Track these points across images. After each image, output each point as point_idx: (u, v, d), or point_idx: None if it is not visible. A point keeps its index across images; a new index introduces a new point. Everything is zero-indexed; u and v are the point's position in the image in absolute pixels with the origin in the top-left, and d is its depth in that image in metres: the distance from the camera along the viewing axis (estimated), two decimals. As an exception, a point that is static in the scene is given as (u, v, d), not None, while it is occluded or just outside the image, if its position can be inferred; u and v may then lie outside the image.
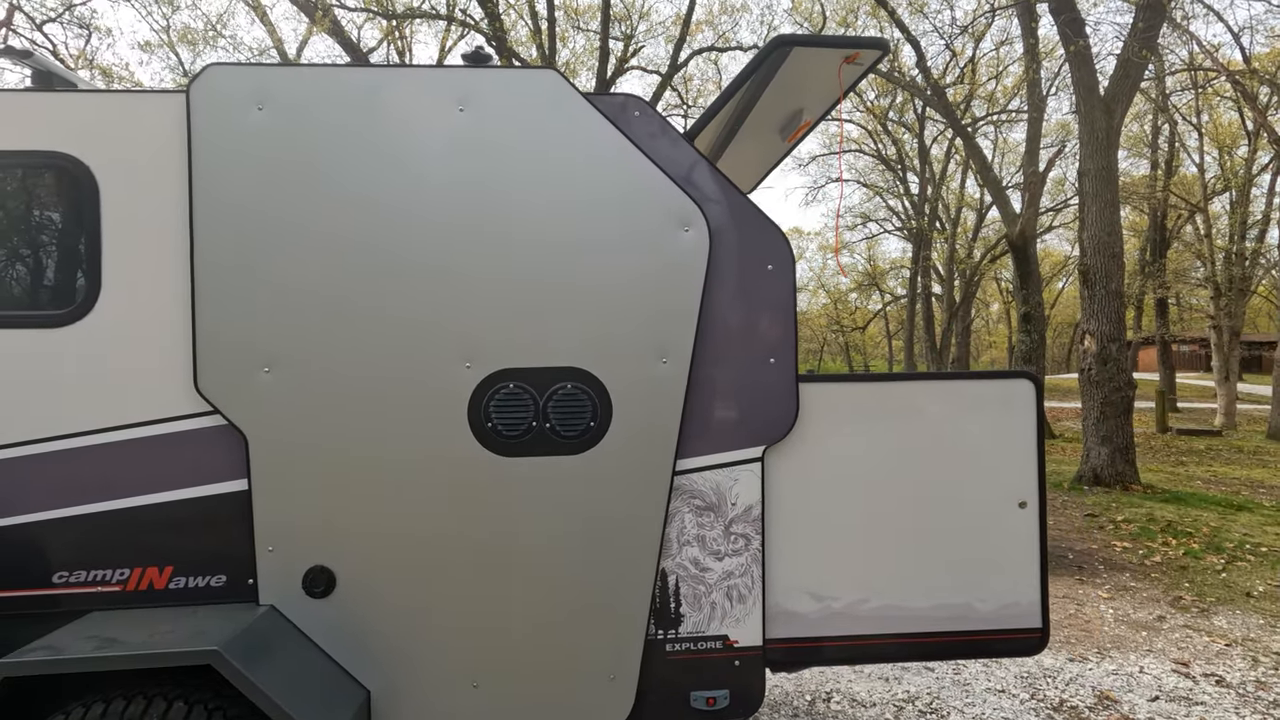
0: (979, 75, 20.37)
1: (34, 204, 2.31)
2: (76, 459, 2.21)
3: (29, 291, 2.30)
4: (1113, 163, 9.67)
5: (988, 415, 2.47)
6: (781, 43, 2.43)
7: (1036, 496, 2.47)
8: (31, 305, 2.27)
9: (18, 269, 2.31)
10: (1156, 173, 20.62)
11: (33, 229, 2.31)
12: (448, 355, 2.29)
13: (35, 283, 2.31)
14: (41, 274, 2.32)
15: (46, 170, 2.26)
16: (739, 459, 2.39)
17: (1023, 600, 2.48)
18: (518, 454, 2.31)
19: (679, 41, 17.01)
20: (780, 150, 3.63)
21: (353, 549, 2.28)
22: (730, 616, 2.40)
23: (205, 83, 2.24)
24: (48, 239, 2.32)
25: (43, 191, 2.30)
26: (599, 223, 2.33)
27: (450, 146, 2.30)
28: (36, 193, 2.30)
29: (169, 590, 2.25)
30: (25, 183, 2.29)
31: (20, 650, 1.96)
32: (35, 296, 2.29)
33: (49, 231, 2.32)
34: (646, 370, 2.34)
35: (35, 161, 2.24)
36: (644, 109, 2.40)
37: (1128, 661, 4.58)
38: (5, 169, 2.25)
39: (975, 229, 26.78)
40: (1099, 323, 9.60)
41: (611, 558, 2.34)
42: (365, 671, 2.29)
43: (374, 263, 2.28)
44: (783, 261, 2.42)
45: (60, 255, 2.31)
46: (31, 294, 2.29)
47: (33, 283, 2.31)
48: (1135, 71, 9.65)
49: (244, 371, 2.24)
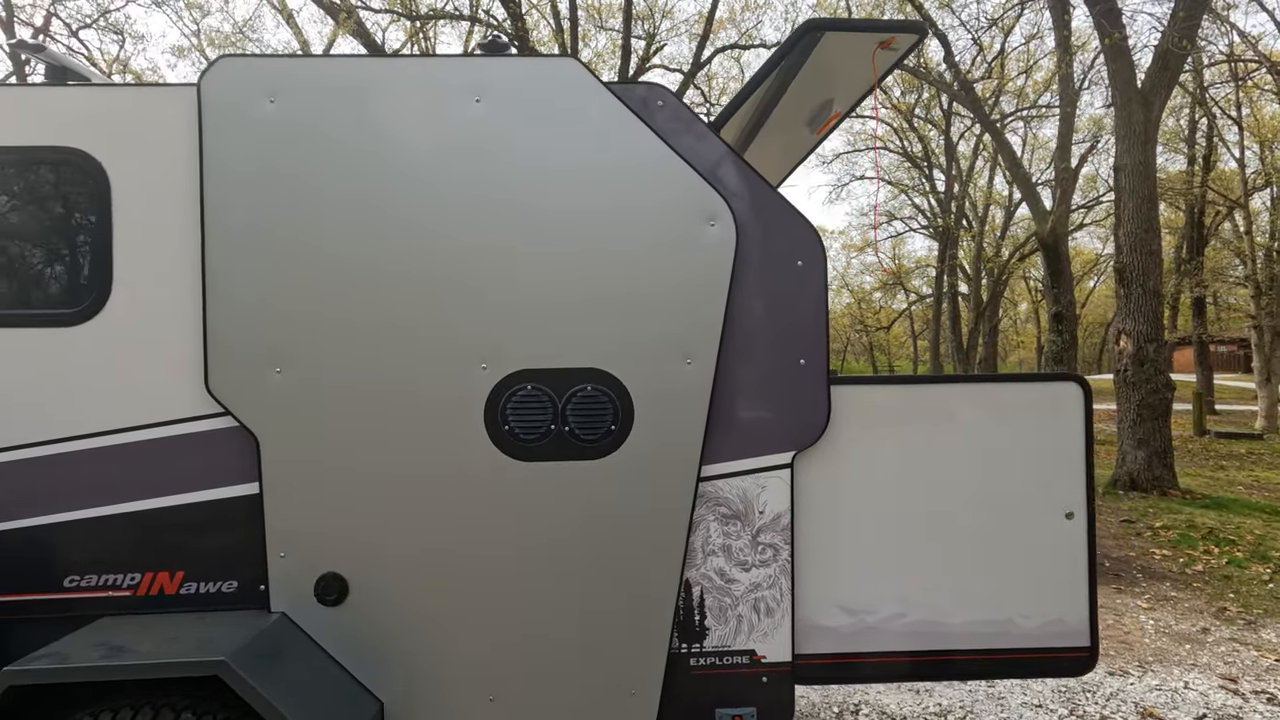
0: (1008, 70, 19.94)
1: (44, 200, 2.27)
2: (87, 461, 2.17)
3: (39, 289, 2.26)
4: (1150, 157, 9.35)
5: (1033, 420, 2.33)
6: (812, 27, 2.31)
7: (1085, 507, 2.33)
8: (42, 304, 2.23)
9: (28, 266, 2.28)
10: (1194, 168, 20.01)
11: (43, 225, 2.27)
12: (463, 355, 2.21)
13: (45, 281, 2.27)
14: (52, 271, 2.28)
15: (57, 165, 2.22)
16: (767, 465, 2.28)
17: (1069, 617, 2.33)
18: (536, 458, 2.22)
19: (702, 39, 16.88)
20: (808, 143, 3.50)
21: (366, 556, 2.21)
22: (758, 630, 2.29)
23: (216, 75, 2.18)
24: (58, 236, 2.28)
25: (53, 187, 2.26)
26: (621, 217, 2.23)
27: (466, 139, 2.21)
28: (47, 188, 2.26)
29: (180, 595, 2.20)
30: (36, 178, 2.25)
31: (27, 658, 1.92)
32: (45, 295, 2.25)
33: (60, 228, 2.28)
34: (670, 371, 2.24)
35: (46, 157, 2.20)
36: (668, 99, 2.29)
37: (1171, 676, 4.38)
38: (15, 164, 2.21)
39: (1003, 227, 26.27)
40: (1135, 322, 9.29)
41: (633, 567, 2.24)
42: (378, 682, 2.21)
43: (388, 259, 2.20)
44: (813, 257, 2.30)
45: (71, 252, 2.27)
46: (42, 292, 2.25)
47: (43, 280, 2.27)
48: (1175, 63, 9.31)
49: (255, 371, 2.17)
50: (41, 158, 2.19)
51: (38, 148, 2.18)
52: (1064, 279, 12.73)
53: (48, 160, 2.20)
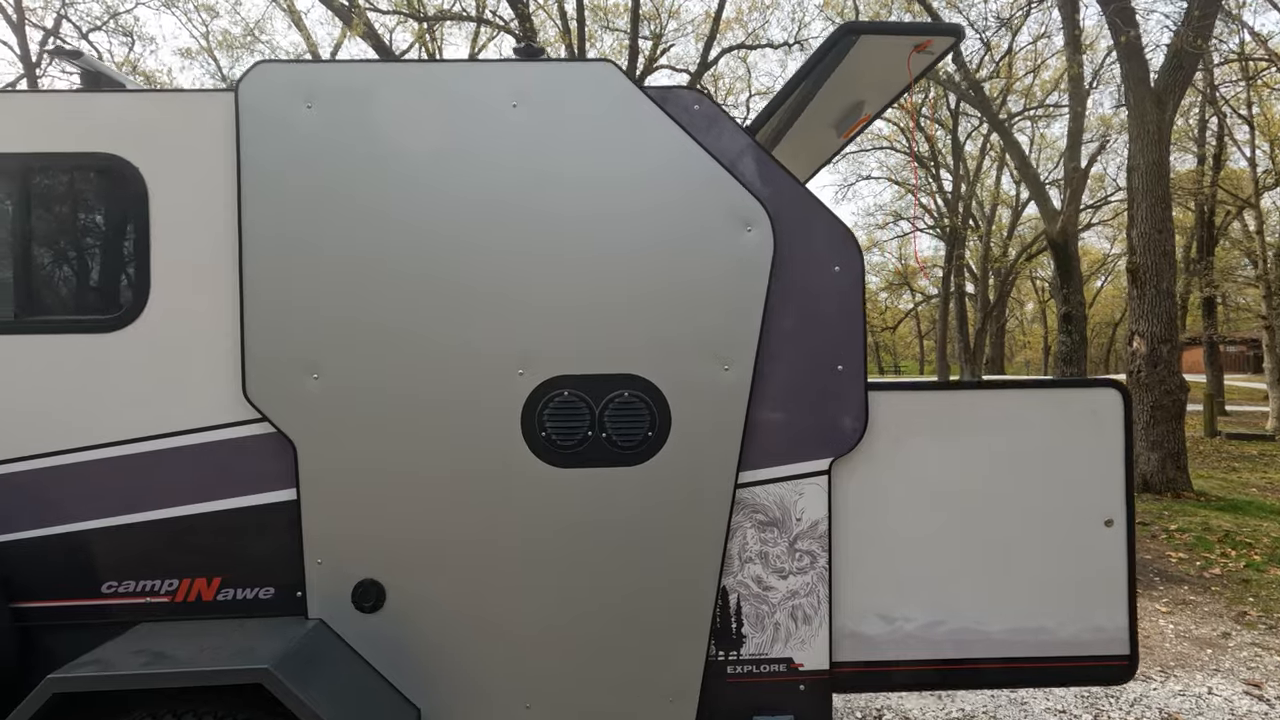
0: (1015, 69, 19.87)
1: (82, 206, 2.27)
2: (125, 467, 2.17)
3: (77, 296, 2.26)
4: (1164, 157, 9.30)
5: (1071, 427, 2.31)
6: (849, 31, 2.30)
7: (1124, 515, 2.31)
8: (79, 310, 2.22)
9: (66, 273, 2.28)
10: (1203, 167, 19.91)
11: (81, 232, 2.27)
12: (500, 361, 2.20)
13: (83, 287, 2.27)
14: (90, 278, 2.28)
15: (94, 172, 2.21)
16: (805, 471, 2.26)
17: (1109, 625, 2.31)
18: (573, 465, 2.21)
19: (709, 39, 16.86)
20: (833, 146, 3.49)
21: (403, 562, 2.21)
22: (795, 638, 2.28)
23: (254, 81, 2.17)
24: (96, 242, 2.28)
25: (91, 193, 2.26)
26: (658, 221, 2.22)
27: (504, 143, 2.20)
28: (85, 195, 2.26)
29: (217, 602, 2.19)
30: (73, 185, 2.25)
31: (71, 665, 1.92)
32: (83, 301, 2.25)
33: (97, 234, 2.28)
34: (707, 377, 2.22)
35: (83, 163, 2.19)
36: (704, 102, 2.28)
37: (1194, 681, 4.35)
38: (53, 171, 2.21)
39: (1010, 226, 26.18)
40: (1149, 323, 9.25)
41: (670, 575, 2.23)
42: (415, 689, 2.21)
43: (424, 264, 2.19)
44: (850, 262, 2.29)
45: (109, 259, 2.27)
46: (80, 298, 2.25)
47: (81, 287, 2.27)
48: (1189, 62, 9.27)
49: (292, 378, 2.17)
50: (79, 164, 2.19)
51: (76, 154, 2.18)
52: (1074, 279, 12.68)
53: (86, 166, 2.20)
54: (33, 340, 2.16)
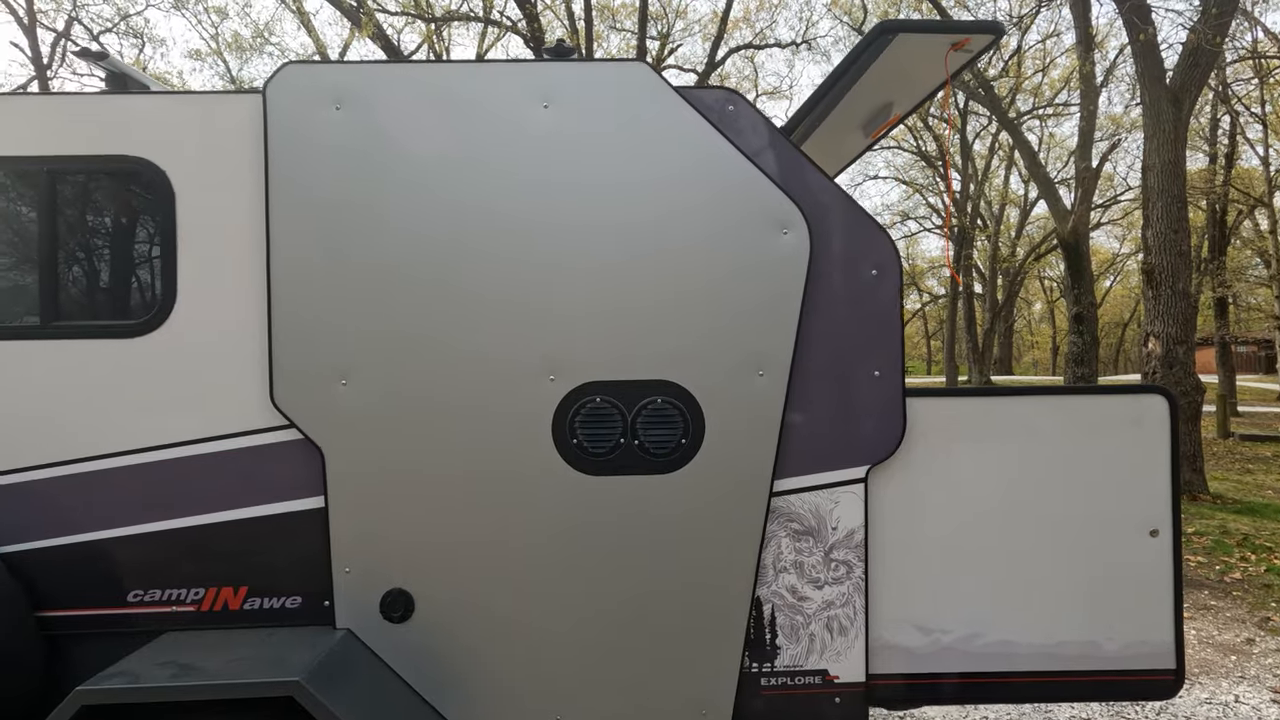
0: (1024, 68, 19.76)
1: (108, 210, 2.24)
2: (151, 474, 2.13)
3: (103, 301, 2.22)
4: (1180, 156, 9.21)
5: (1115, 434, 2.25)
6: (885, 30, 2.25)
7: (1170, 524, 2.25)
8: (106, 315, 2.19)
9: (92, 278, 2.24)
10: (1215, 166, 19.77)
11: (107, 236, 2.24)
12: (531, 367, 2.16)
13: (109, 292, 2.24)
14: (116, 282, 2.25)
15: (121, 175, 2.18)
16: (840, 480, 2.22)
17: (1154, 639, 2.26)
18: (605, 472, 2.17)
19: (716, 39, 16.82)
20: (858, 146, 3.44)
21: (432, 571, 2.17)
22: (830, 650, 2.23)
23: (282, 82, 2.14)
24: (123, 246, 2.25)
25: (117, 197, 2.23)
26: (692, 225, 2.18)
27: (534, 145, 2.16)
28: (111, 198, 2.23)
29: (244, 611, 2.16)
30: (99, 188, 2.22)
31: (98, 677, 1.88)
32: (109, 306, 2.21)
33: (123, 238, 2.24)
34: (741, 383, 2.18)
35: (109, 166, 2.16)
36: (739, 103, 2.24)
37: (1220, 689, 4.28)
38: (79, 174, 2.18)
39: (1019, 226, 26.05)
40: (1164, 324, 9.16)
41: (703, 584, 2.19)
42: (444, 700, 2.17)
43: (454, 269, 2.15)
44: (888, 266, 2.24)
45: (135, 263, 2.23)
46: (106, 303, 2.22)
47: (107, 292, 2.24)
48: (1206, 59, 9.17)
49: (320, 384, 2.13)
50: (106, 167, 2.16)
51: (102, 156, 2.14)
52: (1085, 279, 12.59)
53: (113, 170, 2.16)
54: (59, 346, 2.13)
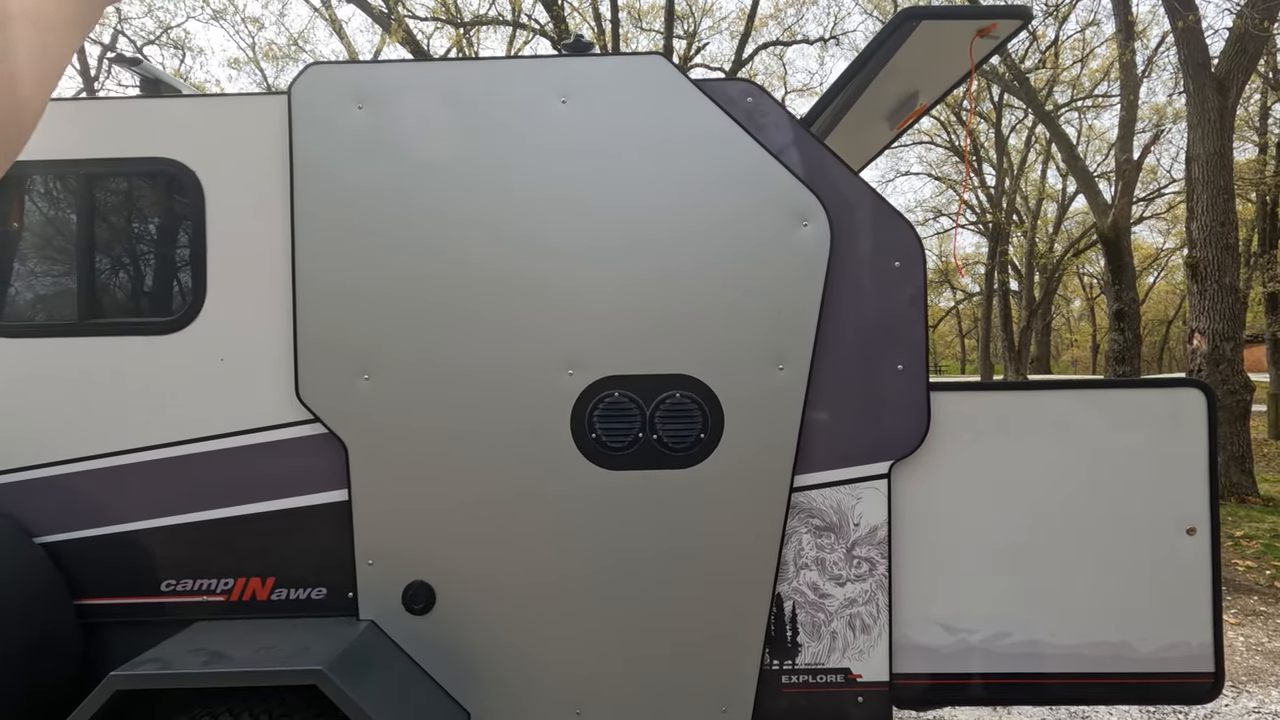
0: (1062, 59, 19.23)
1: (141, 211, 2.31)
2: (183, 467, 2.19)
3: (136, 299, 2.30)
4: (1227, 146, 8.88)
5: (1151, 430, 2.17)
6: (909, 16, 2.20)
7: (1208, 522, 2.17)
8: (137, 312, 2.26)
9: (125, 276, 2.32)
10: (1265, 156, 18.99)
11: (139, 236, 2.31)
12: (550, 361, 2.17)
13: (142, 290, 2.31)
14: (148, 281, 2.32)
15: (153, 176, 2.25)
16: (863, 475, 2.18)
17: (1192, 640, 2.17)
18: (623, 467, 2.17)
19: (743, 37, 16.69)
20: (884, 138, 3.38)
21: (453, 564, 2.19)
22: (853, 648, 2.19)
23: (306, 82, 2.18)
24: (153, 245, 2.32)
25: (149, 198, 2.29)
26: (711, 218, 2.16)
27: (553, 141, 2.17)
28: (143, 200, 2.30)
29: (271, 602, 2.21)
30: (132, 190, 2.29)
31: (132, 663, 1.94)
32: (140, 303, 2.28)
33: (155, 238, 2.31)
34: (762, 378, 2.16)
35: (142, 168, 2.23)
36: (759, 96, 2.21)
37: (1270, 698, 4.11)
38: (113, 176, 2.25)
39: (1056, 221, 25.38)
40: (1210, 320, 8.83)
41: (724, 580, 2.17)
42: (465, 692, 2.19)
43: (475, 265, 2.17)
44: (911, 258, 2.19)
45: (165, 261, 2.30)
46: (138, 301, 2.29)
47: (140, 290, 2.31)
48: (1254, 45, 8.81)
49: (344, 379, 2.17)
50: (138, 169, 2.23)
51: (134, 159, 2.21)
52: (1126, 274, 12.20)
53: (144, 171, 2.23)
54: (94, 342, 2.21)
